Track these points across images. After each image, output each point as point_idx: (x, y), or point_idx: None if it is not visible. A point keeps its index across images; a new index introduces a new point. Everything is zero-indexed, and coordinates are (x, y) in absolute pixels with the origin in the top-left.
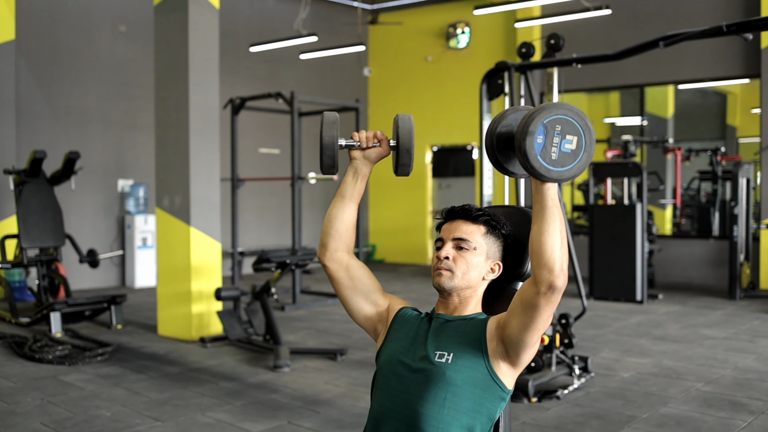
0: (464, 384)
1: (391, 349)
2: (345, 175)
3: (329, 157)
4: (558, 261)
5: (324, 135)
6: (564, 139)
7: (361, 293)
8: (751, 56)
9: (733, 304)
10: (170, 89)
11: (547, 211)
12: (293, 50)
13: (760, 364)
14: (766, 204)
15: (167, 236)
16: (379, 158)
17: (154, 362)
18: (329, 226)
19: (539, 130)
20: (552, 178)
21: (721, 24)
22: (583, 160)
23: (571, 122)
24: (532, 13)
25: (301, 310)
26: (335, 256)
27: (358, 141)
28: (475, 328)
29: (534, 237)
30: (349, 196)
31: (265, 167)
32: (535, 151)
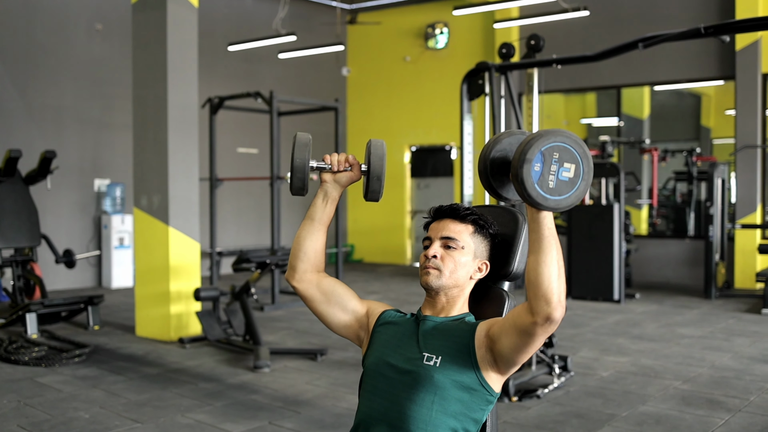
0: (452, 387)
1: (377, 352)
2: (315, 197)
3: (299, 180)
4: (556, 292)
5: (295, 157)
6: (562, 166)
7: (337, 305)
8: (726, 58)
9: (709, 303)
10: (148, 88)
11: (544, 240)
12: (271, 49)
13: (736, 362)
14: (740, 204)
15: (145, 236)
16: (350, 182)
17: (133, 363)
18: (298, 248)
19: (537, 157)
20: (549, 207)
21: (699, 26)
22: (580, 189)
23: (569, 150)
24: (511, 14)
25: (280, 310)
26: (304, 278)
27: (329, 164)
28: (464, 333)
29: (531, 268)
30: (318, 219)
31: (243, 167)
32: (533, 179)
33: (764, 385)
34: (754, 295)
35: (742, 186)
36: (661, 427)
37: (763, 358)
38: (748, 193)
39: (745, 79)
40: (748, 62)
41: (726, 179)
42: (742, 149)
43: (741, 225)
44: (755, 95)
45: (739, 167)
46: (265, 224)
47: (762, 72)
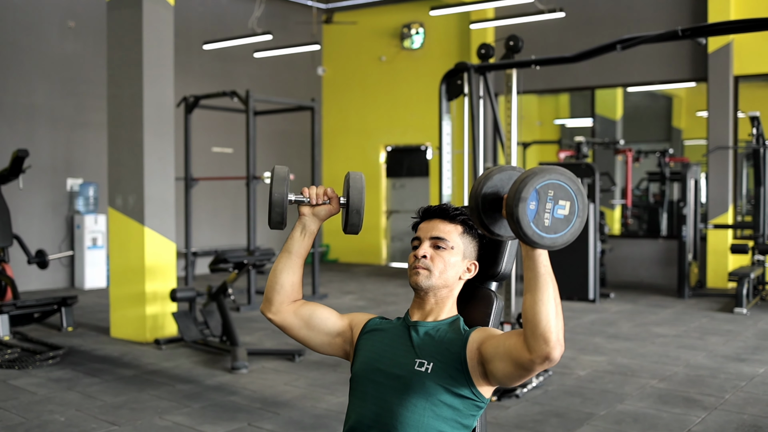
0: (444, 393)
1: (365, 357)
2: (293, 230)
3: (278, 214)
4: (554, 331)
5: (274, 191)
6: (557, 204)
7: (318, 328)
8: (698, 60)
9: (682, 302)
10: (123, 86)
11: (540, 278)
12: (246, 48)
13: (710, 361)
14: (713, 205)
15: (120, 236)
16: (329, 216)
17: (108, 365)
18: (274, 281)
19: (532, 195)
20: (545, 245)
21: (677, 29)
22: (576, 226)
23: (563, 187)
24: (486, 15)
25: (256, 310)
26: (281, 309)
27: (308, 197)
28: (455, 342)
29: (528, 306)
30: (295, 252)
31: (217, 166)
32: (528, 217)
33: (739, 384)
34: (726, 295)
35: (714, 186)
36: (639, 425)
37: (736, 357)
38: (719, 193)
39: (717, 81)
40: (720, 64)
41: (699, 180)
42: (714, 150)
43: (713, 225)
44: (727, 97)
45: (711, 168)
46: (240, 224)
47: (734, 74)
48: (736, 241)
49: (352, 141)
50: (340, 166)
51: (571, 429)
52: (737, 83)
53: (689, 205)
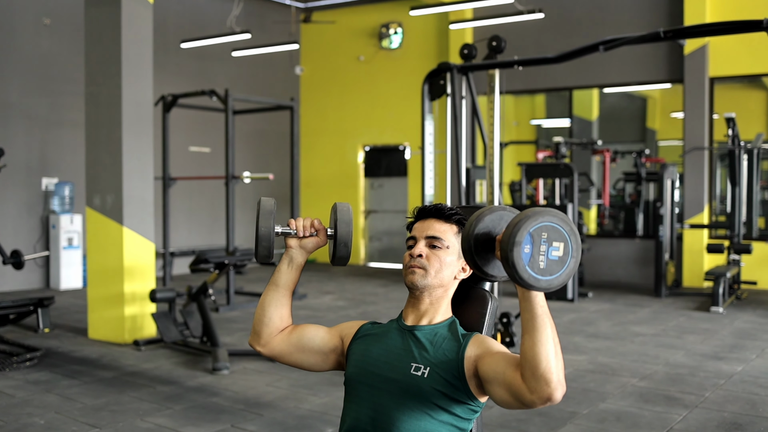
0: (440, 398)
1: (359, 361)
2: (280, 262)
3: (265, 248)
4: (555, 372)
5: (260, 225)
6: (551, 246)
7: (309, 349)
8: (675, 62)
9: (659, 301)
10: (101, 85)
11: (538, 319)
12: (224, 47)
13: (689, 359)
14: (689, 205)
15: (98, 236)
16: (316, 248)
17: (87, 367)
18: (262, 314)
19: (526, 239)
20: (541, 288)
21: (659, 30)
22: (570, 266)
23: (557, 228)
24: (465, 16)
25: (235, 311)
26: (269, 341)
27: (294, 230)
28: (452, 349)
29: (527, 348)
30: (283, 285)
31: (195, 166)
32: (523, 261)
33: (718, 382)
34: (701, 294)
35: (690, 187)
36: (621, 424)
37: (714, 355)
38: (695, 193)
39: (693, 82)
40: (696, 66)
41: (675, 180)
42: (690, 151)
43: (689, 225)
44: (703, 98)
45: (687, 169)
46: (218, 224)
47: (709, 76)
48: (712, 241)
49: (330, 141)
50: (318, 166)
51: (554, 428)
52: (713, 85)
53: (666, 205)
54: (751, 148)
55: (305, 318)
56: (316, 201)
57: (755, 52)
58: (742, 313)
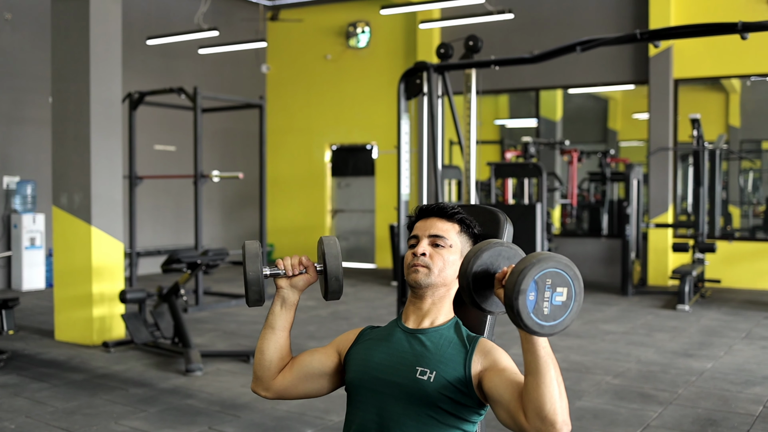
0: (446, 403)
1: (360, 366)
2: (272, 305)
3: (255, 292)
4: (560, 413)
5: (248, 270)
6: (555, 291)
7: (312, 375)
8: (640, 63)
9: (626, 300)
10: (69, 81)
11: (541, 361)
12: (190, 45)
13: (660, 356)
14: (653, 204)
15: (65, 236)
16: (307, 285)
17: (56, 369)
18: (262, 359)
19: (531, 287)
20: (545, 333)
21: (636, 32)
22: (573, 311)
23: (560, 274)
24: (433, 16)
25: (204, 311)
26: (271, 384)
27: (283, 269)
28: (457, 354)
29: (531, 390)
30: (279, 327)
31: (160, 164)
32: (528, 309)
33: (689, 378)
34: (666, 292)
35: (655, 187)
36: (599, 421)
37: (684, 352)
38: (660, 193)
39: (657, 84)
40: (661, 68)
41: (641, 180)
42: (656, 152)
43: (655, 224)
44: (667, 99)
45: (652, 169)
46: (183, 223)
47: (674, 77)
48: (677, 240)
49: (296, 140)
50: (284, 165)
51: None
52: (677, 86)
53: (632, 205)
54: (714, 149)
55: None
56: (281, 199)
57: (718, 55)
58: (708, 311)
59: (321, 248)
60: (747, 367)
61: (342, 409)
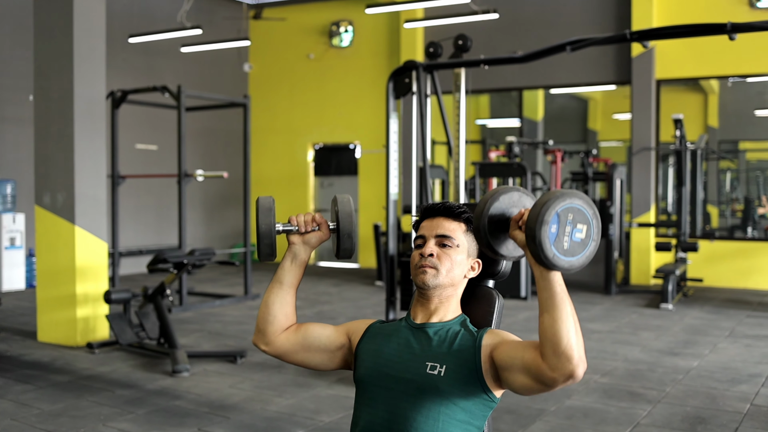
0: (457, 397)
1: (370, 362)
2: (282, 260)
3: (267, 246)
4: (576, 349)
5: (260, 222)
6: (575, 228)
7: (315, 347)
8: (622, 64)
9: (610, 299)
10: (52, 79)
11: (557, 297)
12: (172, 43)
13: (646, 355)
14: (636, 204)
15: (48, 236)
16: (320, 243)
17: (39, 371)
18: (266, 312)
19: (553, 219)
20: (563, 268)
21: (625, 32)
22: (591, 249)
23: (582, 211)
24: (416, 15)
25: (188, 312)
26: (274, 339)
27: (296, 226)
28: (468, 346)
29: (547, 327)
30: (287, 282)
31: (141, 163)
32: (549, 240)
33: (676, 377)
34: (649, 291)
35: (638, 186)
36: (589, 420)
37: (669, 351)
38: (642, 193)
39: (640, 84)
40: (643, 68)
41: (624, 180)
42: (639, 152)
43: (638, 224)
44: (649, 100)
45: (634, 169)
46: (165, 223)
47: (656, 78)
48: (660, 239)
49: (279, 139)
50: (267, 165)
51: (525, 425)
52: (659, 87)
53: (616, 204)
54: (695, 149)
55: None
56: None
57: (699, 56)
58: (691, 310)
59: (335, 206)
60: (732, 365)
61: (333, 410)
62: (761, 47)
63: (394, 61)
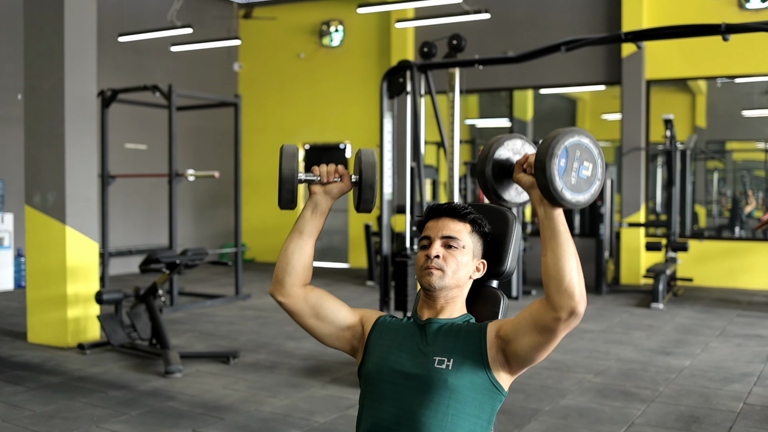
0: (466, 390)
1: (377, 358)
2: (303, 209)
3: (288, 191)
4: (578, 286)
5: (283, 168)
6: (582, 165)
7: (327, 318)
8: (612, 64)
9: (601, 298)
10: (42, 77)
11: (561, 236)
12: (161, 42)
13: (638, 354)
14: (626, 204)
15: (38, 236)
16: (341, 194)
17: (30, 372)
18: (285, 262)
19: (562, 152)
20: (569, 202)
21: (620, 33)
22: (595, 188)
23: (589, 149)
24: (407, 15)
25: (179, 312)
26: (291, 292)
27: (318, 175)
28: (473, 334)
29: (550, 264)
30: (307, 232)
31: (131, 163)
32: (558, 174)
33: (669, 376)
34: (639, 290)
35: (628, 186)
36: (584, 419)
37: (661, 350)
38: (632, 193)
39: (630, 84)
40: (633, 69)
41: (615, 180)
42: (629, 152)
43: (628, 224)
44: (639, 100)
45: (624, 169)
46: (155, 223)
47: (646, 78)
48: (650, 239)
49: (269, 139)
50: (256, 165)
51: (520, 425)
52: (649, 87)
53: (606, 204)
54: (685, 149)
55: (252, 318)
56: (253, 198)
57: (688, 56)
58: (681, 309)
59: (358, 158)
60: (724, 364)
61: (327, 410)
62: (750, 48)
63: (385, 60)
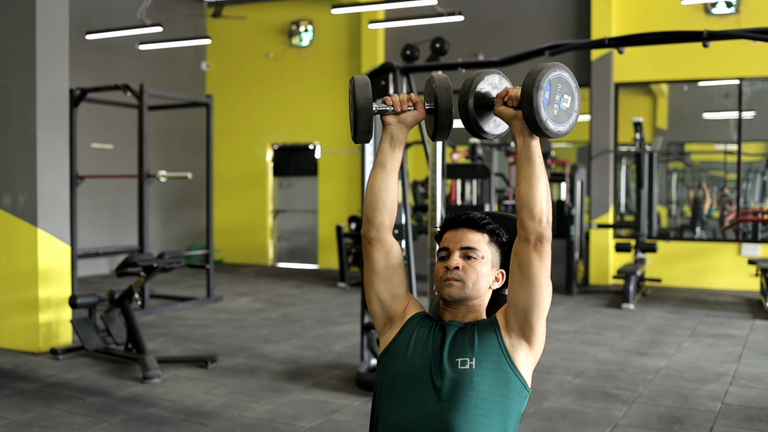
0: (491, 387)
1: (404, 357)
2: (381, 143)
3: (365, 122)
4: (546, 213)
5: (358, 98)
6: (562, 97)
7: (388, 285)
8: (581, 67)
9: (572, 299)
10: (13, 77)
11: (536, 166)
12: (128, 40)
13: (614, 355)
14: (595, 205)
15: (8, 239)
16: (416, 122)
17: (3, 378)
18: (374, 199)
19: (547, 85)
20: (552, 132)
21: (604, 38)
22: (573, 119)
23: (568, 83)
24: (378, 16)
25: (151, 315)
26: (381, 234)
27: (391, 105)
28: (488, 328)
29: (523, 192)
30: (390, 166)
31: (97, 163)
32: (543, 104)
33: (647, 377)
34: (608, 291)
35: (597, 188)
36: (568, 421)
37: (637, 351)
38: (601, 194)
39: (599, 87)
40: (602, 72)
41: (584, 181)
42: (599, 154)
43: (597, 225)
44: (608, 103)
45: (593, 171)
46: (122, 224)
47: (614, 81)
48: (619, 240)
49: (237, 139)
50: (225, 165)
51: None
52: (617, 90)
53: (577, 206)
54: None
55: (226, 321)
56: (222, 199)
57: (655, 60)
58: (651, 309)
59: (430, 85)
60: (699, 364)
61: (312, 415)
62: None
63: (355, 61)
